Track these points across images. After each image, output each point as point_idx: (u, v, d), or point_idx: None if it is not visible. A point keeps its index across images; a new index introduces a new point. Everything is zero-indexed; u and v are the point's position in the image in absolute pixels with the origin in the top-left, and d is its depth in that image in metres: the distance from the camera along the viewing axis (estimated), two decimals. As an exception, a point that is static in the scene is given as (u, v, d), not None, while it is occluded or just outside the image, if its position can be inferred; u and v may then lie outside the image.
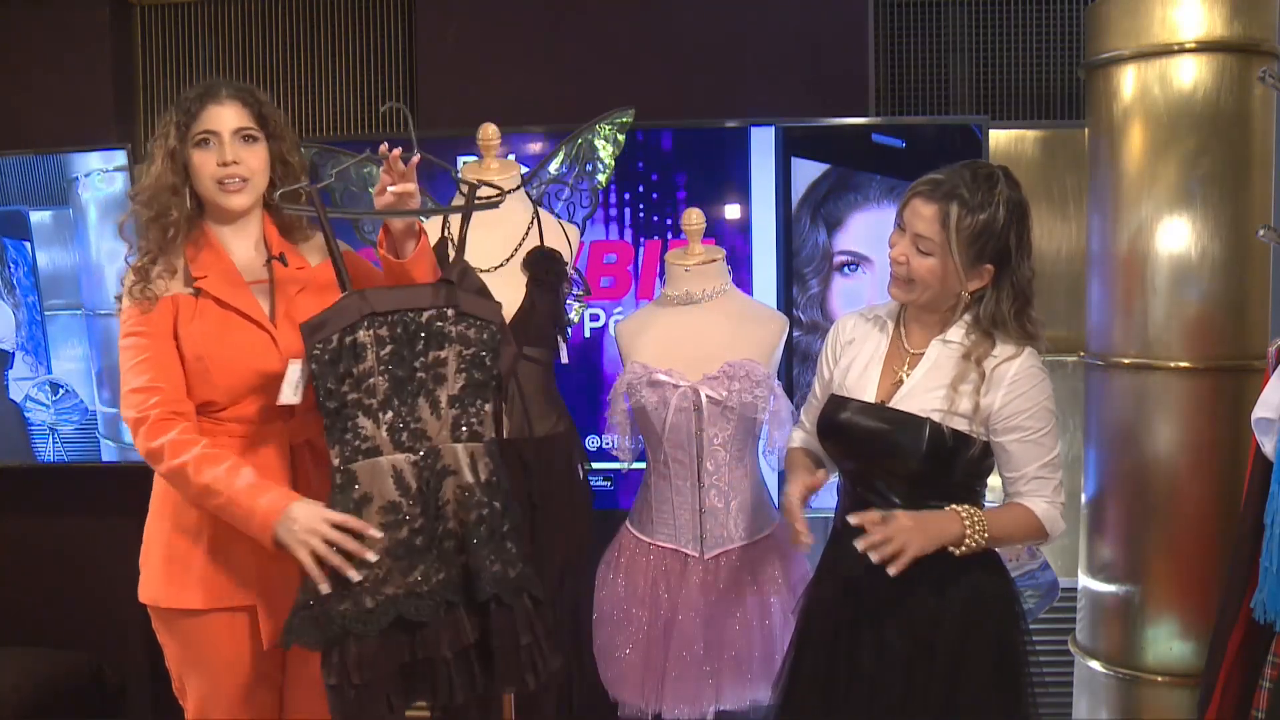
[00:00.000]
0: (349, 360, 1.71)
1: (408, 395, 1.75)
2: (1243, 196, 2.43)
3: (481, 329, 1.79)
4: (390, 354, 1.73)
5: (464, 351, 1.78)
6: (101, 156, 3.04)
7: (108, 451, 3.16)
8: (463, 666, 1.76)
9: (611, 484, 2.90)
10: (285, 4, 3.30)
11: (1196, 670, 2.30)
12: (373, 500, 1.73)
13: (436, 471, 1.77)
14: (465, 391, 1.78)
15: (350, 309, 1.72)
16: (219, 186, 1.85)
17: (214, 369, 1.81)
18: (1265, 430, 1.92)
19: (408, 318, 1.75)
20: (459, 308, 1.77)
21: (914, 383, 1.83)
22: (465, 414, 1.79)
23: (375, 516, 1.73)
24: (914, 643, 1.80)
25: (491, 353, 1.79)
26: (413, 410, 1.75)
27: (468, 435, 1.79)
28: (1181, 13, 2.42)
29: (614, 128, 2.54)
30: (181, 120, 1.84)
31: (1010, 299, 1.79)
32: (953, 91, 3.17)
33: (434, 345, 1.76)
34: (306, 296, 1.91)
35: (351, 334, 1.71)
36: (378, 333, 1.73)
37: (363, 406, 1.72)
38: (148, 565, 1.88)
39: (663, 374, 2.20)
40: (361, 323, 1.72)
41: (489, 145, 2.34)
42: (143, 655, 3.27)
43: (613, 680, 2.32)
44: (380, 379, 1.73)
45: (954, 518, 1.73)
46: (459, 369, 1.78)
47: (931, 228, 1.76)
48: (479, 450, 1.80)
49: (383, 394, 1.73)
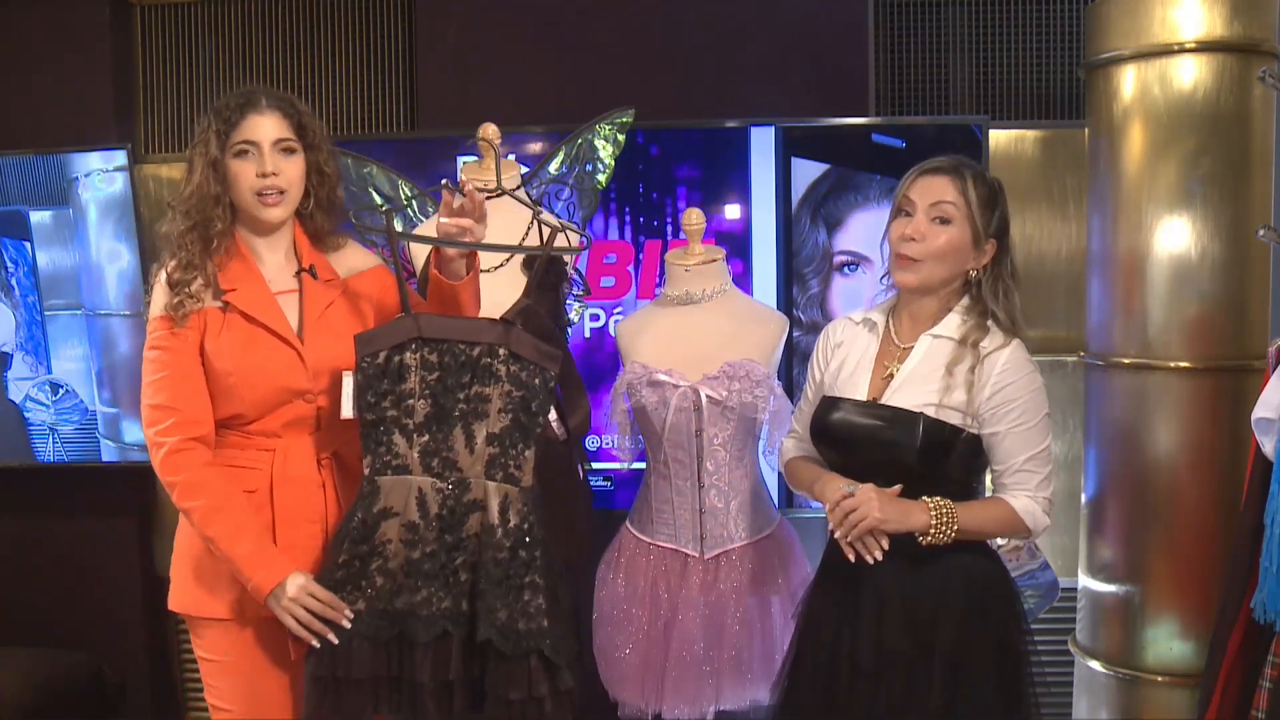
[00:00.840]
0: (393, 378, 1.77)
1: (446, 424, 1.78)
2: (1243, 196, 2.43)
3: (534, 374, 1.78)
4: (436, 380, 1.78)
5: (512, 392, 1.78)
6: (101, 156, 3.04)
7: (108, 451, 3.16)
8: (442, 695, 1.76)
9: (611, 484, 2.90)
10: (285, 4, 3.30)
11: (1196, 670, 2.30)
12: (392, 515, 1.77)
13: (463, 503, 1.78)
14: (506, 432, 1.78)
15: (401, 330, 1.78)
16: (258, 198, 1.83)
17: (240, 384, 1.81)
18: (1265, 430, 1.92)
19: (458, 349, 1.78)
20: (512, 349, 1.78)
21: (904, 377, 1.83)
22: (504, 454, 1.78)
23: (395, 531, 1.77)
24: (914, 643, 1.80)
25: (540, 398, 1.77)
26: (448, 439, 1.78)
27: (502, 476, 1.79)
28: (1181, 13, 2.42)
29: (614, 128, 2.54)
30: (221, 129, 1.81)
31: (1010, 276, 1.84)
32: (953, 91, 3.16)
33: (480, 381, 1.78)
34: (337, 310, 1.91)
35: (399, 354, 1.77)
36: (425, 357, 1.78)
37: (399, 425, 1.78)
38: (179, 574, 1.88)
39: (663, 374, 2.20)
40: (409, 345, 1.77)
41: (489, 145, 2.34)
42: (143, 655, 3.28)
43: (613, 680, 2.32)
44: (421, 402, 1.77)
45: (921, 506, 1.74)
46: (503, 409, 1.78)
47: (950, 193, 1.80)
48: (513, 494, 1.79)
49: (421, 417, 1.77)
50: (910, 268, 1.83)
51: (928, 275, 1.83)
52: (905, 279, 1.85)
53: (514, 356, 1.78)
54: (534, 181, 2.51)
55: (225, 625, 1.84)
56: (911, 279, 1.84)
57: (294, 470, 1.84)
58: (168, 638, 3.34)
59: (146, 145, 3.34)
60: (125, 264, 3.04)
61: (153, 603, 3.26)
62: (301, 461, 1.86)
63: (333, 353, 1.87)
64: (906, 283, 1.85)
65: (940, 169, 1.83)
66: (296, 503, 1.85)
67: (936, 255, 1.81)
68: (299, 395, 1.84)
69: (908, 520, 1.72)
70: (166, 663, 3.35)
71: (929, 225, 1.81)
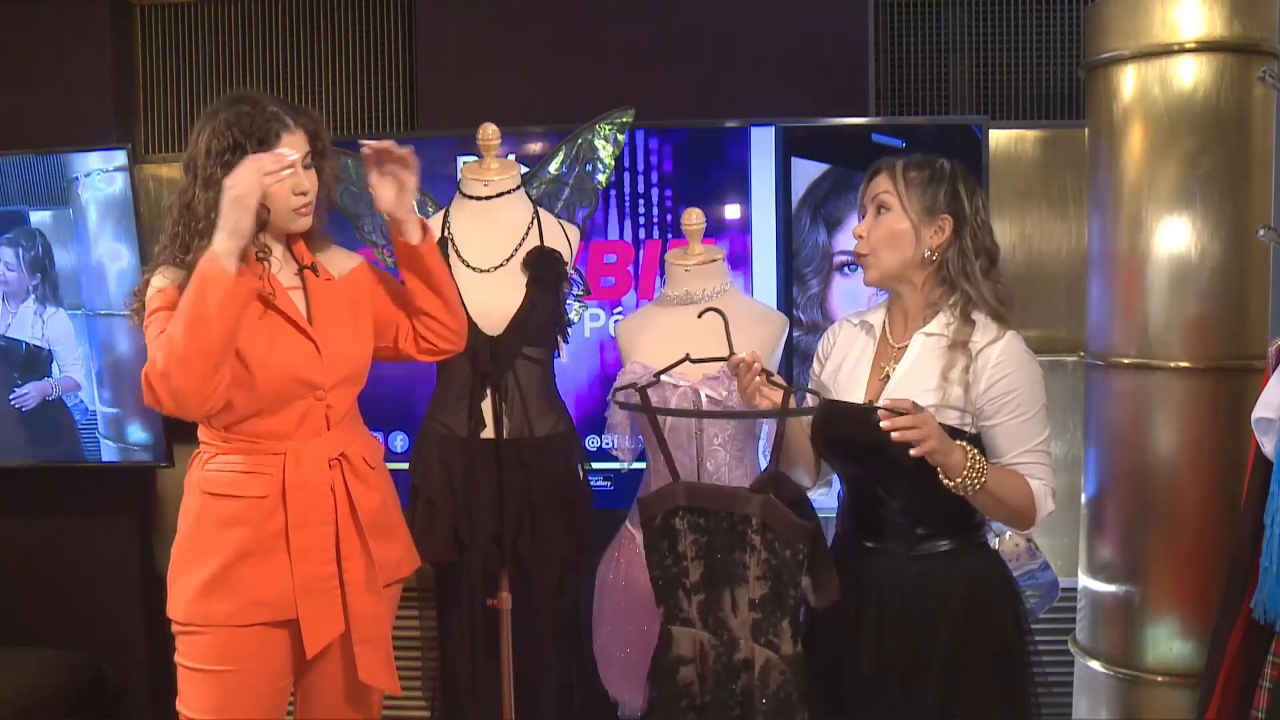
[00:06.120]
0: (670, 539, 1.87)
1: (716, 586, 1.84)
2: (1243, 196, 2.43)
3: (785, 545, 1.76)
4: (705, 544, 1.84)
5: (769, 561, 1.78)
6: (101, 156, 3.03)
7: (108, 451, 3.16)
8: None
9: (611, 484, 2.90)
10: (285, 4, 3.30)
11: (1196, 670, 2.30)
12: (688, 662, 1.87)
13: (734, 661, 1.83)
14: (765, 600, 1.79)
15: (670, 497, 1.87)
16: (294, 213, 1.85)
17: (257, 370, 1.80)
18: (1265, 430, 1.92)
19: (718, 516, 1.82)
20: (765, 519, 1.78)
21: (899, 377, 1.84)
22: (766, 620, 1.80)
23: (690, 674, 1.87)
24: (913, 645, 1.80)
25: (790, 569, 1.76)
26: (719, 600, 1.84)
27: (764, 642, 1.80)
28: (1181, 13, 2.42)
29: (614, 128, 2.54)
30: (254, 150, 1.77)
31: (974, 254, 1.83)
32: (953, 91, 3.17)
33: (739, 548, 1.80)
34: (341, 307, 1.92)
35: (670, 518, 1.87)
36: (694, 521, 1.85)
37: (680, 583, 1.87)
38: (180, 582, 1.87)
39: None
40: (676, 511, 1.86)
41: (489, 145, 2.34)
42: (143, 655, 3.28)
43: (613, 680, 2.32)
44: (694, 564, 1.86)
45: (961, 448, 1.71)
46: (760, 576, 1.79)
47: (884, 184, 1.85)
48: (774, 660, 1.79)
49: (696, 577, 1.86)
50: (864, 263, 1.88)
51: (882, 265, 1.86)
52: (867, 276, 1.89)
53: (766, 526, 1.78)
54: (534, 181, 2.51)
55: (230, 631, 1.83)
56: (870, 274, 1.88)
57: (306, 473, 1.84)
58: (168, 638, 3.33)
59: (146, 145, 3.34)
60: (125, 264, 3.04)
61: (153, 603, 3.26)
62: (312, 464, 1.85)
63: (342, 348, 1.89)
64: (869, 279, 1.89)
65: (879, 168, 1.88)
66: (308, 506, 1.84)
67: (880, 243, 1.85)
68: (311, 389, 1.85)
69: (950, 455, 1.69)
70: (166, 663, 3.32)
71: (872, 220, 1.86)
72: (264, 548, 1.82)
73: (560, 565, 2.34)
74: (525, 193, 2.40)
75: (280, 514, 1.83)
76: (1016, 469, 1.79)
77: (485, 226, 2.34)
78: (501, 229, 2.33)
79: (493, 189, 2.34)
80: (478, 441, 2.29)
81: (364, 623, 1.88)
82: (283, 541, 1.83)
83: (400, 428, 2.92)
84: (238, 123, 1.78)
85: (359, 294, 1.97)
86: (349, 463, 1.90)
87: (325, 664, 1.91)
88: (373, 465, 1.97)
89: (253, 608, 1.82)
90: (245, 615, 1.82)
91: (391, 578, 1.97)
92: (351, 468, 1.90)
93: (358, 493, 1.89)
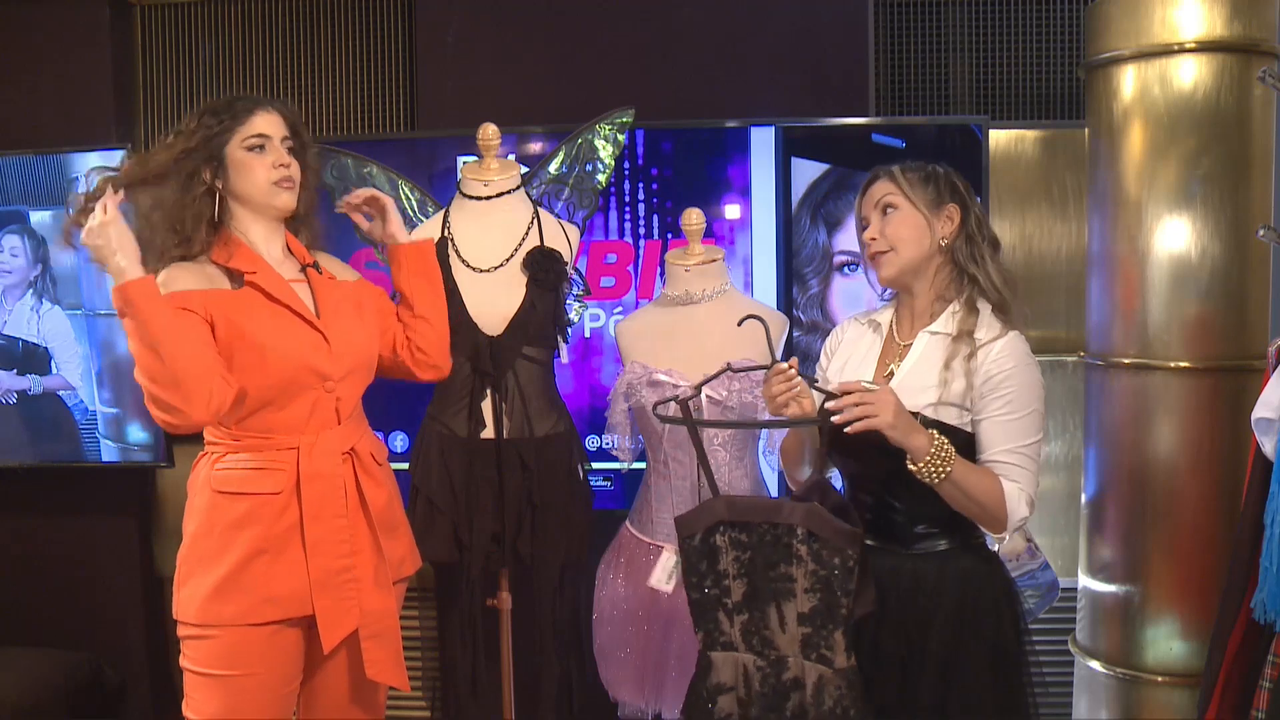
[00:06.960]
0: (710, 558, 1.80)
1: (761, 603, 1.78)
2: (1243, 196, 2.43)
3: (833, 553, 1.72)
4: (748, 560, 1.78)
5: (818, 571, 1.74)
6: (101, 156, 3.03)
7: (108, 451, 3.16)
8: None
9: (611, 484, 2.90)
10: (285, 4, 3.30)
11: (1196, 670, 2.30)
12: (728, 690, 1.80)
13: (783, 681, 1.77)
14: (815, 612, 1.75)
15: (710, 513, 1.80)
16: (275, 186, 1.86)
17: (271, 360, 1.81)
18: (1265, 430, 1.92)
19: (761, 529, 1.77)
20: (810, 529, 1.74)
21: (904, 374, 1.84)
22: (817, 634, 1.75)
23: (730, 704, 1.80)
24: (907, 644, 1.80)
25: (840, 578, 1.72)
26: (764, 618, 1.78)
27: (816, 657, 1.76)
28: (1181, 13, 2.42)
29: (614, 128, 2.55)
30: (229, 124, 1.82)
31: (981, 238, 1.87)
32: (953, 91, 3.17)
33: (785, 561, 1.76)
34: (345, 304, 1.94)
35: (710, 535, 1.79)
36: (735, 537, 1.79)
37: (721, 604, 1.80)
38: (190, 584, 1.85)
39: (662, 374, 2.20)
40: (717, 527, 1.79)
41: (489, 145, 2.34)
42: (143, 655, 3.28)
43: (613, 680, 2.32)
44: (737, 582, 1.79)
45: (926, 433, 1.72)
46: (809, 589, 1.74)
47: (886, 187, 1.88)
48: (828, 675, 1.74)
49: (739, 596, 1.79)
50: (882, 261, 1.88)
51: (901, 259, 1.86)
52: (885, 273, 1.89)
53: (813, 535, 1.73)
54: (534, 181, 2.51)
55: (225, 637, 1.82)
56: (889, 270, 1.88)
57: (318, 467, 1.85)
58: (168, 638, 3.34)
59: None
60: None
61: (153, 603, 3.26)
62: (324, 458, 1.86)
63: (349, 339, 1.90)
64: (887, 276, 1.89)
65: (875, 176, 1.92)
66: (323, 498, 1.85)
67: (898, 238, 1.86)
68: (322, 380, 1.85)
69: (911, 438, 1.70)
70: (166, 663, 3.34)
71: (881, 220, 1.88)
72: (277, 545, 1.82)
73: (560, 565, 2.34)
74: (525, 193, 2.40)
75: (294, 509, 1.83)
76: (994, 467, 1.78)
77: (485, 226, 2.34)
78: (501, 229, 2.33)
79: (493, 189, 2.34)
80: (478, 441, 2.29)
81: (374, 618, 1.88)
82: (297, 537, 1.83)
83: (400, 427, 2.92)
84: (212, 108, 1.84)
85: (362, 295, 2.01)
86: (358, 458, 1.91)
87: (332, 664, 1.92)
88: (380, 462, 1.98)
89: (266, 605, 1.82)
90: (259, 614, 1.81)
91: (396, 575, 1.98)
92: (361, 463, 1.91)
93: (367, 488, 1.90)
